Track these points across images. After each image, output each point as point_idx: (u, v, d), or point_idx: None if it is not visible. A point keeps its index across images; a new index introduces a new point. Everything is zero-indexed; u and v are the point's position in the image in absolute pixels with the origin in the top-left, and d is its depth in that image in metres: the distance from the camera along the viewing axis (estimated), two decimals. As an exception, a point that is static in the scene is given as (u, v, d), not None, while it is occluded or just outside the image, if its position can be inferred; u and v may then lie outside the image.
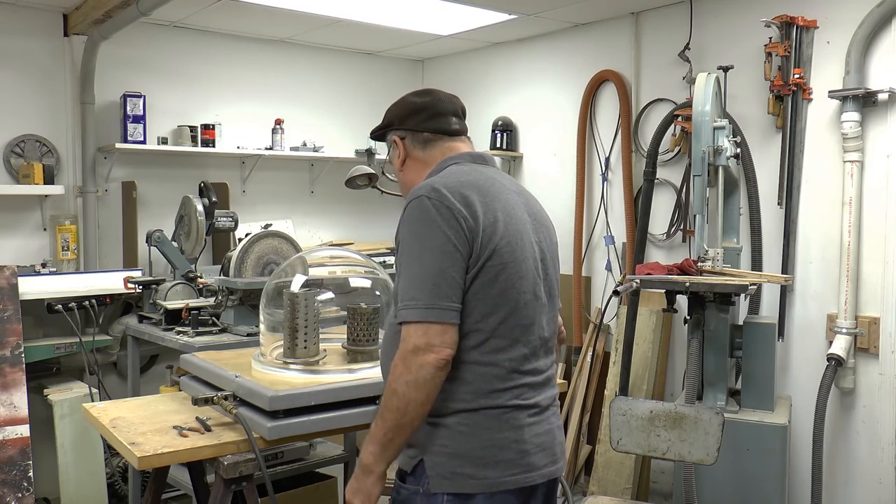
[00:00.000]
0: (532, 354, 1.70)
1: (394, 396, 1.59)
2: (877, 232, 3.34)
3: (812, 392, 3.40)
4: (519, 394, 1.67)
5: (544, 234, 1.80)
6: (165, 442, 1.97)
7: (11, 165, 4.08)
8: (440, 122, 1.84)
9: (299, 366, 2.22)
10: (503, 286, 1.64)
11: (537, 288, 1.72)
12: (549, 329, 1.77)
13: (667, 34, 4.13)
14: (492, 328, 1.64)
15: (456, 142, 1.86)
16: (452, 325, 1.58)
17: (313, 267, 2.54)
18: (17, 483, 3.26)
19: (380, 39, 5.04)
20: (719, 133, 3.08)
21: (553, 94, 4.80)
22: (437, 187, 1.64)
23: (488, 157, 1.87)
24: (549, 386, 1.77)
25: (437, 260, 1.59)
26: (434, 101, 1.86)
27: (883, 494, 3.34)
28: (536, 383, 1.71)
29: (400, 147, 1.88)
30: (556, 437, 1.76)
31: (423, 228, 1.61)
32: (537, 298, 1.71)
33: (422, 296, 1.58)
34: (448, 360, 1.57)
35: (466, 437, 1.63)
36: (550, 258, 1.80)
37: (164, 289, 3.72)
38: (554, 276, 1.81)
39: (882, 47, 3.32)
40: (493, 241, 1.63)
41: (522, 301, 1.67)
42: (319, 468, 3.50)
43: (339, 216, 5.36)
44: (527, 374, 1.69)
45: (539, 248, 1.75)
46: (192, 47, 4.68)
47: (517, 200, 1.76)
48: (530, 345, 1.70)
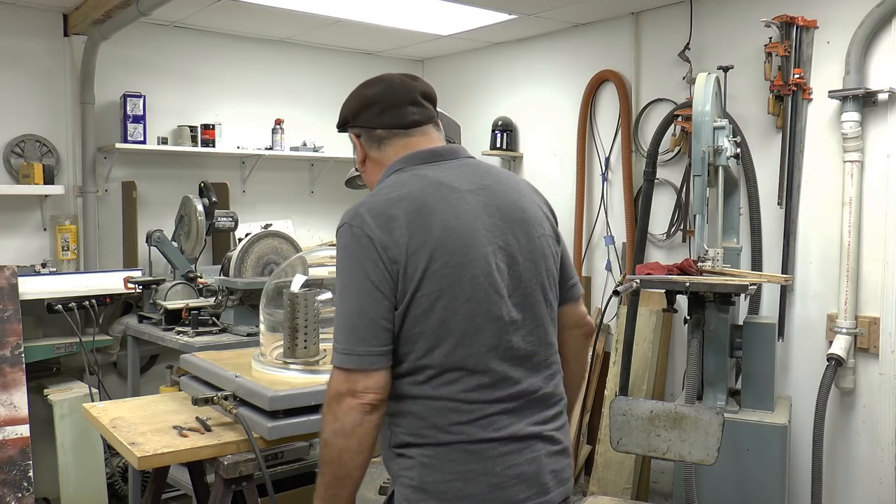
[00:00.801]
0: (500, 380, 1.50)
1: (325, 448, 1.49)
2: (877, 232, 3.34)
3: (812, 392, 3.40)
4: (487, 424, 1.48)
5: (518, 232, 1.57)
6: (165, 442, 1.97)
7: (11, 165, 4.08)
8: (393, 116, 1.63)
9: (299, 366, 2.22)
10: (443, 314, 1.46)
11: (496, 306, 1.49)
12: (533, 343, 1.56)
13: (667, 34, 4.13)
14: (439, 362, 1.47)
15: (412, 136, 1.63)
16: (376, 371, 1.44)
17: (313, 267, 2.55)
18: (17, 483, 3.26)
19: (380, 39, 5.04)
20: (719, 133, 3.08)
21: (553, 94, 4.80)
22: (361, 212, 1.51)
23: (447, 151, 1.65)
24: (538, 408, 1.56)
25: (354, 299, 1.46)
26: (385, 91, 1.64)
27: (883, 494, 3.33)
28: (514, 409, 1.51)
29: (357, 145, 1.71)
30: (544, 465, 1.54)
31: (344, 262, 1.49)
32: (500, 318, 1.50)
33: (342, 338, 1.46)
34: (374, 405, 1.44)
35: (430, 470, 1.49)
36: (528, 259, 1.56)
37: (164, 289, 3.72)
38: (533, 278, 1.57)
39: (882, 47, 3.32)
40: (422, 268, 1.45)
41: (472, 327, 1.47)
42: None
43: (339, 216, 5.24)
44: (495, 403, 1.49)
45: (504, 254, 1.53)
46: (192, 47, 4.68)
47: (472, 203, 1.53)
48: (496, 371, 1.49)
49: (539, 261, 1.59)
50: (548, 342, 1.61)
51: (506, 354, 1.51)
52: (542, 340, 1.58)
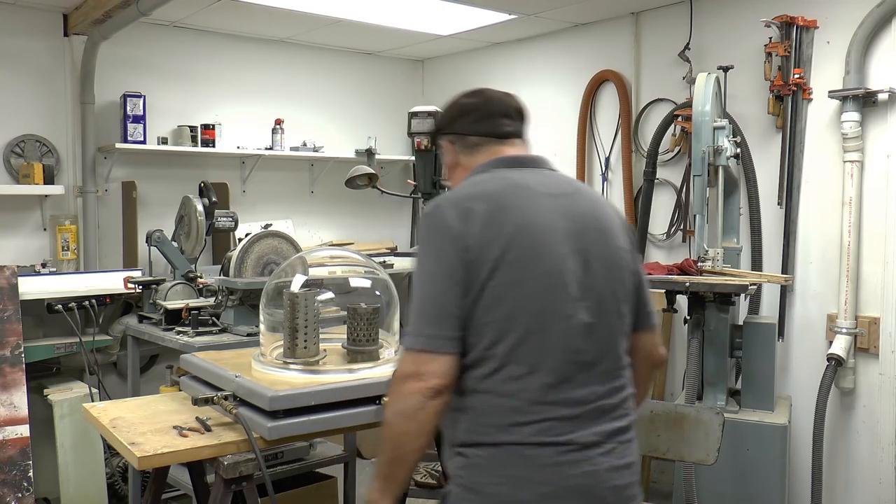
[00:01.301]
0: (563, 382, 1.50)
1: (386, 427, 1.51)
2: (877, 232, 3.34)
3: (812, 392, 3.40)
4: (545, 428, 1.48)
5: (596, 239, 1.58)
6: (165, 442, 1.97)
7: (11, 165, 4.08)
8: (488, 125, 1.72)
9: (299, 366, 2.22)
10: (512, 307, 1.48)
11: (566, 306, 1.51)
12: (600, 350, 1.54)
13: (667, 34, 4.13)
14: (504, 354, 1.48)
15: (504, 145, 1.71)
16: (442, 355, 1.47)
17: (313, 267, 2.54)
18: (17, 483, 3.25)
19: (380, 39, 5.04)
20: (719, 133, 3.08)
21: (553, 94, 4.80)
22: (441, 203, 1.56)
23: (530, 159, 1.71)
24: (600, 419, 1.53)
25: (427, 286, 1.51)
26: (484, 101, 1.74)
27: (883, 494, 3.33)
28: (573, 416, 1.50)
29: (449, 152, 1.77)
30: (602, 479, 1.50)
31: (424, 248, 1.54)
32: (570, 318, 1.51)
33: (413, 321, 1.50)
34: (438, 390, 1.45)
35: (483, 471, 1.49)
36: (604, 267, 1.57)
37: (164, 289, 3.71)
38: (608, 287, 1.57)
39: (882, 47, 3.32)
40: (495, 259, 1.48)
41: (539, 323, 1.49)
42: (319, 468, 3.51)
43: (339, 216, 5.36)
44: (556, 406, 1.49)
45: (580, 258, 1.54)
46: (192, 47, 4.68)
47: (550, 206, 1.57)
48: (559, 372, 1.49)
49: (615, 270, 1.60)
50: (616, 354, 1.59)
51: (571, 357, 1.51)
52: (609, 350, 1.57)
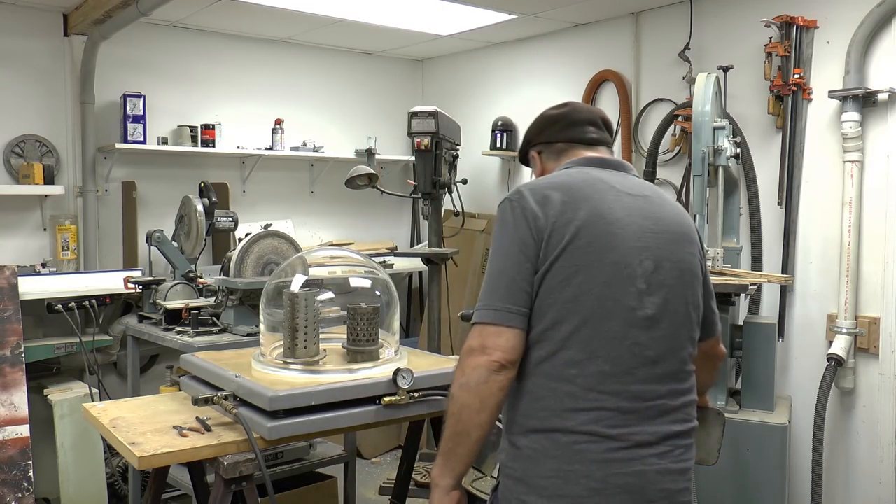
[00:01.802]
0: (622, 373, 1.50)
1: (450, 401, 1.53)
2: (877, 232, 3.34)
3: (812, 392, 3.40)
4: (599, 418, 1.49)
5: (670, 240, 1.61)
6: (165, 442, 1.97)
7: (11, 165, 4.08)
8: (575, 132, 1.76)
9: (299, 366, 2.22)
10: (577, 290, 1.50)
11: (631, 297, 1.52)
12: (663, 349, 1.55)
13: (667, 34, 4.13)
14: (564, 337, 1.50)
15: (590, 150, 1.75)
16: (509, 328, 1.49)
17: (313, 267, 2.54)
18: (17, 483, 3.26)
19: (380, 39, 5.04)
20: (719, 133, 3.07)
21: (553, 94, 4.80)
22: (521, 189, 1.60)
23: (614, 161, 1.74)
24: (658, 418, 1.53)
25: (500, 261, 1.54)
26: (570, 110, 1.79)
27: (883, 494, 3.34)
28: (629, 410, 1.50)
29: (537, 162, 1.82)
30: (652, 480, 1.50)
31: (496, 230, 1.59)
32: (633, 310, 1.52)
33: (482, 296, 1.53)
34: (503, 364, 1.48)
35: (534, 463, 1.51)
36: (676, 269, 1.59)
37: (164, 289, 3.72)
38: (677, 288, 1.58)
39: (882, 47, 3.32)
40: (566, 241, 1.51)
41: (603, 310, 1.50)
42: (319, 468, 3.51)
43: (339, 216, 5.36)
44: (612, 396, 1.49)
45: (653, 256, 1.56)
46: (192, 47, 4.68)
47: (627, 203, 1.59)
48: (618, 362, 1.50)
49: (687, 275, 1.62)
50: (681, 357, 1.59)
51: (632, 349, 1.51)
52: (674, 351, 1.57)
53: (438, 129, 3.76)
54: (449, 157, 3.96)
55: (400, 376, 2.13)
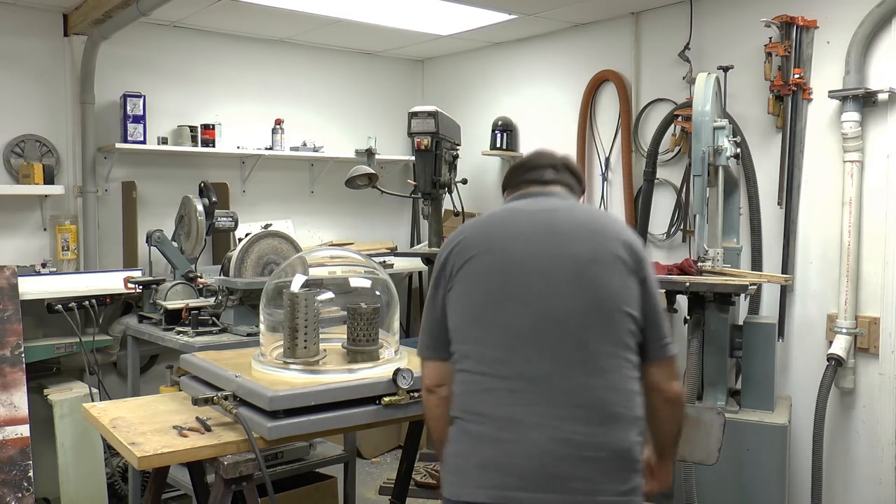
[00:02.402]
0: (505, 362, 1.66)
1: None
2: (877, 232, 3.34)
3: (812, 392, 3.40)
4: (483, 401, 1.70)
5: (565, 240, 1.73)
6: (165, 442, 1.97)
7: (11, 165, 4.08)
8: (533, 174, 1.91)
9: (299, 366, 2.22)
10: (466, 301, 1.77)
11: (515, 295, 1.69)
12: (550, 337, 1.66)
13: (667, 34, 4.13)
14: (461, 340, 1.77)
15: (541, 187, 1.89)
16: (427, 360, 1.87)
17: (313, 267, 2.54)
18: (17, 483, 3.26)
19: (380, 39, 5.04)
20: (719, 133, 3.08)
21: (553, 94, 4.80)
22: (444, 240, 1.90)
23: (537, 191, 1.88)
24: (542, 404, 1.63)
25: (426, 306, 1.89)
26: (533, 156, 1.97)
27: (883, 494, 3.34)
28: (517, 389, 1.64)
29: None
30: (533, 459, 1.60)
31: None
32: (516, 305, 1.69)
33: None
34: (430, 388, 1.86)
35: (448, 445, 1.75)
36: (568, 262, 1.70)
37: (164, 289, 3.72)
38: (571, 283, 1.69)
39: (882, 47, 3.32)
40: (459, 268, 1.77)
41: (489, 312, 1.71)
42: (319, 468, 3.50)
43: (339, 216, 5.36)
44: (498, 380, 1.66)
45: (540, 255, 1.71)
46: (192, 47, 4.68)
47: (524, 218, 1.80)
48: (501, 351, 1.67)
49: (588, 267, 1.71)
50: (575, 342, 1.67)
51: (513, 344, 1.68)
52: (563, 337, 1.67)
53: (438, 129, 3.76)
54: (449, 157, 3.97)
55: (400, 376, 2.13)
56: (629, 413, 1.66)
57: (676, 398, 1.82)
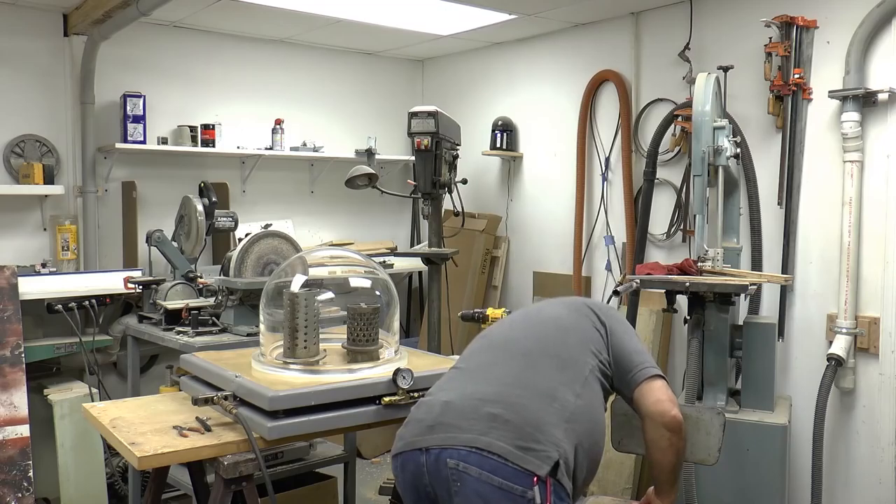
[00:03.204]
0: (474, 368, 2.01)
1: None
2: (877, 232, 3.34)
3: (812, 392, 3.40)
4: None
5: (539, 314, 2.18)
6: (165, 442, 1.97)
7: (11, 165, 4.08)
8: None
9: (299, 366, 2.22)
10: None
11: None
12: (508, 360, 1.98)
13: (667, 34, 4.13)
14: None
15: None
16: None
17: (313, 267, 2.54)
18: (17, 483, 3.26)
19: (380, 39, 5.04)
20: (719, 133, 3.07)
21: (553, 94, 4.80)
22: None
23: None
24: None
25: None
26: None
27: (883, 494, 3.33)
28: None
29: None
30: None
31: None
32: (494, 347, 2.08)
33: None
34: None
35: None
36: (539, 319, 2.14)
37: (164, 289, 3.72)
38: (547, 326, 2.10)
39: (882, 47, 3.32)
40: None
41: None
42: (319, 468, 3.50)
43: (339, 216, 5.36)
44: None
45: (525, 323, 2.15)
46: (192, 47, 4.68)
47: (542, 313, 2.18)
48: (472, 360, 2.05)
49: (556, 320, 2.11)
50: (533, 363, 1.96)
51: (483, 356, 2.04)
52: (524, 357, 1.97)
53: (438, 129, 3.76)
54: (449, 157, 3.96)
55: (400, 376, 2.13)
56: (551, 395, 1.84)
57: (672, 423, 1.87)
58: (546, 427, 1.76)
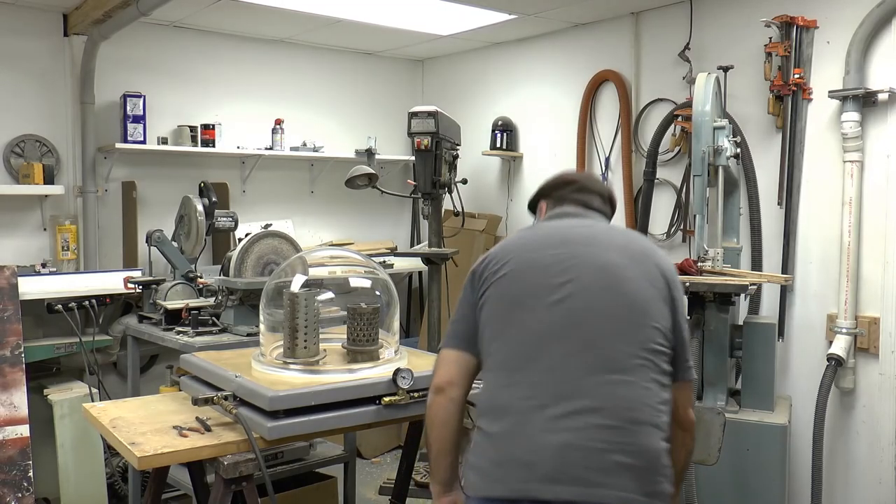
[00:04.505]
0: (529, 362, 1.68)
1: None
2: (877, 232, 3.34)
3: (812, 392, 3.40)
4: (508, 399, 1.71)
5: (603, 251, 1.76)
6: (165, 442, 1.97)
7: (11, 165, 4.08)
8: (582, 196, 1.94)
9: (299, 366, 2.22)
10: (494, 306, 1.78)
11: (545, 298, 1.70)
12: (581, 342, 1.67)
13: (667, 34, 4.13)
14: (488, 343, 1.77)
15: (585, 211, 1.92)
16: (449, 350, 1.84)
17: (313, 267, 2.54)
18: (17, 483, 3.26)
19: (380, 39, 5.04)
20: (719, 133, 3.07)
21: (553, 94, 4.80)
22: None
23: (573, 211, 1.92)
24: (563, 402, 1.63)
25: (455, 312, 1.87)
26: (585, 178, 2.02)
27: (883, 494, 3.33)
28: (531, 396, 1.66)
29: (542, 211, 2.00)
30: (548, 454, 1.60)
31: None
32: (545, 309, 1.70)
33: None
34: (439, 387, 1.83)
35: (474, 446, 1.74)
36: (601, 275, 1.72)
37: (164, 289, 3.72)
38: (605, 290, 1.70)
39: (882, 47, 3.32)
40: (491, 277, 1.79)
41: (517, 316, 1.74)
42: (319, 468, 3.50)
43: (339, 216, 5.36)
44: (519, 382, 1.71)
45: (574, 263, 1.73)
46: (192, 47, 4.68)
47: (562, 234, 1.83)
48: (525, 355, 1.69)
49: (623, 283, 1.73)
50: (609, 345, 1.66)
51: (538, 344, 1.69)
52: (596, 341, 1.67)
53: (438, 129, 3.76)
54: (449, 157, 3.96)
55: (400, 376, 2.13)
56: (653, 419, 1.64)
57: (690, 425, 1.84)
58: (661, 459, 1.65)
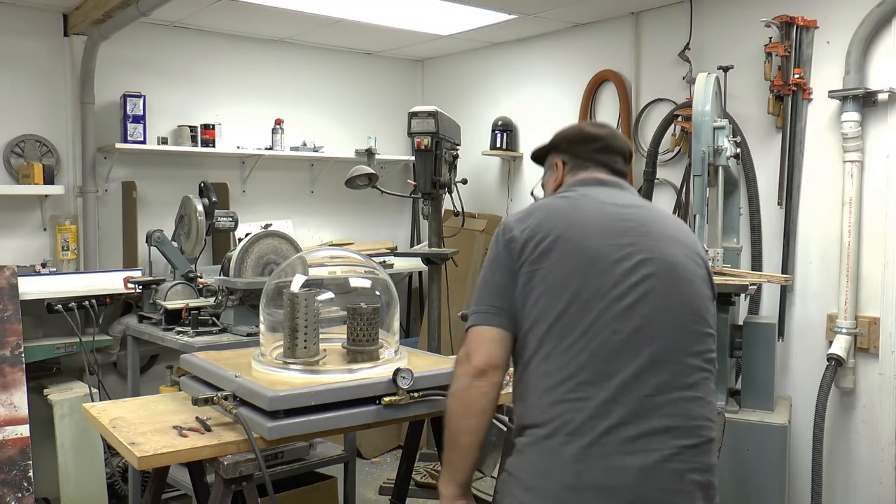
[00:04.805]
0: (602, 364, 1.51)
1: (445, 410, 1.67)
2: (877, 232, 3.34)
3: (812, 392, 3.40)
4: (574, 410, 1.50)
5: (656, 242, 1.61)
6: (165, 442, 1.97)
7: (11, 165, 4.08)
8: (606, 157, 1.78)
9: (299, 366, 2.22)
10: (547, 289, 1.56)
11: (611, 289, 1.54)
12: (649, 340, 1.52)
13: (667, 34, 4.13)
14: (541, 335, 1.55)
15: (604, 174, 1.76)
16: (490, 328, 1.60)
17: (313, 267, 2.54)
18: (17, 483, 3.26)
19: (380, 39, 5.04)
20: (719, 133, 3.07)
21: (553, 94, 4.80)
22: (507, 220, 1.70)
23: (612, 181, 1.76)
24: (643, 414, 1.49)
25: (483, 276, 1.67)
26: (610, 135, 1.81)
27: (883, 494, 3.33)
28: (609, 401, 1.49)
29: (558, 170, 1.84)
30: (628, 479, 1.46)
31: (487, 255, 1.74)
32: (613, 301, 1.53)
33: (473, 303, 1.68)
34: (482, 369, 1.58)
35: (521, 457, 1.57)
36: (664, 265, 1.58)
37: (164, 289, 3.72)
38: (669, 284, 1.57)
39: (882, 47, 3.32)
40: (536, 250, 1.58)
41: (580, 304, 1.53)
42: (319, 468, 3.50)
43: (339, 216, 5.36)
44: (590, 387, 1.50)
45: (636, 251, 1.58)
46: (192, 47, 4.68)
47: (609, 210, 1.64)
48: (595, 353, 1.50)
49: (682, 271, 1.61)
50: (675, 349, 1.54)
51: (611, 339, 1.51)
52: (663, 341, 1.53)
53: (438, 129, 3.77)
54: (449, 157, 3.97)
55: (400, 376, 2.13)
56: (711, 433, 1.58)
57: None
58: (716, 473, 1.59)
